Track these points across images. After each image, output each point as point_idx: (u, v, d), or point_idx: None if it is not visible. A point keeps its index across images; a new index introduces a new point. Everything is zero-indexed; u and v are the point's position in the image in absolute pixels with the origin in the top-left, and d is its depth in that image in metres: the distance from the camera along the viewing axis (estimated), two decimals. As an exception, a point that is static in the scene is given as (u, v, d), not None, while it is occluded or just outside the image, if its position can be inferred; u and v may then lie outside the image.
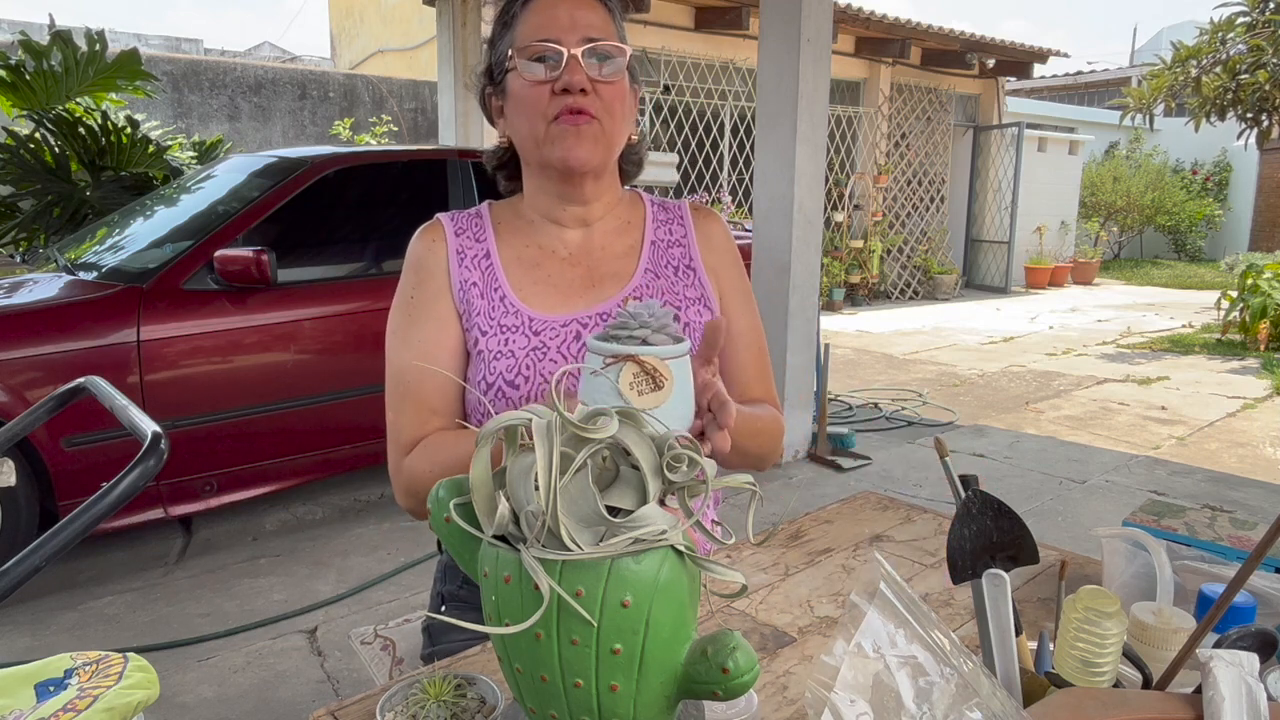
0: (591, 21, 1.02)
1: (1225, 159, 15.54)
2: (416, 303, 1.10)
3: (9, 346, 2.60)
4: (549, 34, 1.01)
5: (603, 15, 1.04)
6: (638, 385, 0.78)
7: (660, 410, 0.79)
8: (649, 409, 0.77)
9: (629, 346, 0.79)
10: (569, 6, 1.02)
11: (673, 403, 0.80)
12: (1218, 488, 3.87)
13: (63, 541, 0.97)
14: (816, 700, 0.52)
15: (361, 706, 0.79)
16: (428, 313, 1.09)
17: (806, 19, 3.82)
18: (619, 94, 1.04)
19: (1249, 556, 0.57)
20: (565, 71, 1.00)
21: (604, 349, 0.80)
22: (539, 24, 1.02)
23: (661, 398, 0.79)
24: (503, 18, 1.07)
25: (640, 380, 0.78)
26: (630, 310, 0.82)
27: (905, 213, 10.56)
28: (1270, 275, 7.25)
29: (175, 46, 15.73)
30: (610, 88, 1.03)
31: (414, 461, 1.03)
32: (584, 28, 1.01)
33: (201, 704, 2.18)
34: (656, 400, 0.79)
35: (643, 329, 0.80)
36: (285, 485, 3.20)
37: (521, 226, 1.13)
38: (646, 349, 0.79)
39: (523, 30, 1.03)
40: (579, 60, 1.00)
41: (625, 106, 1.06)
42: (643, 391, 0.78)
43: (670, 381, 0.79)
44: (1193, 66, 7.14)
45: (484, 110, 1.13)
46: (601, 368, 0.80)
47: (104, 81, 4.91)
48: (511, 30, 1.05)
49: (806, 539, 1.20)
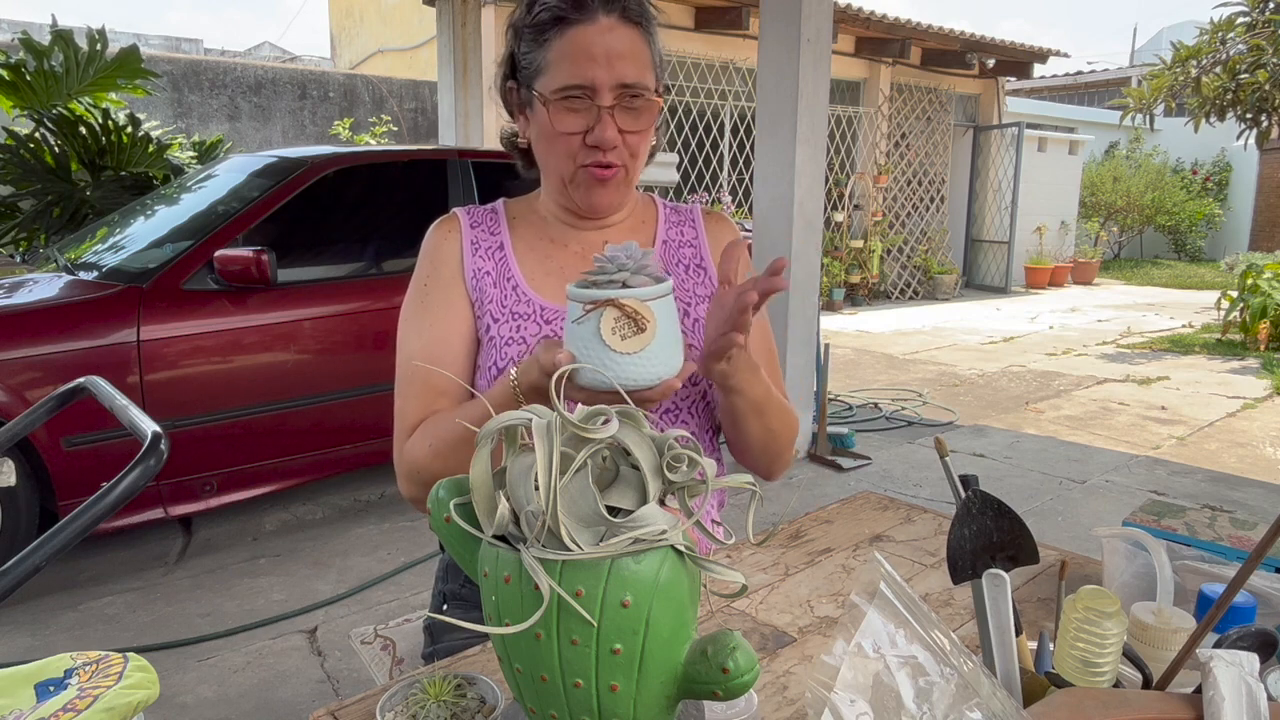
0: (626, 60, 0.99)
1: (1225, 159, 15.55)
2: (429, 290, 1.11)
3: (9, 346, 2.60)
4: (583, 78, 0.98)
5: (638, 45, 1.01)
6: (620, 330, 0.77)
7: (645, 354, 0.78)
8: (632, 353, 0.77)
9: (608, 291, 0.77)
10: (604, 39, 0.98)
11: (657, 345, 0.79)
12: (1218, 488, 3.87)
13: (63, 541, 0.97)
14: (816, 700, 0.52)
15: (361, 706, 0.79)
16: (440, 299, 1.10)
17: (806, 19, 3.81)
18: (646, 137, 1.05)
19: (1249, 556, 0.57)
20: (597, 126, 0.99)
21: (582, 295, 0.78)
22: (574, 61, 0.98)
23: (644, 340, 0.78)
24: (533, 22, 1.01)
25: (622, 324, 0.77)
26: (608, 254, 0.80)
27: (905, 213, 10.56)
28: (1270, 275, 7.25)
29: (175, 46, 15.73)
30: (638, 137, 1.03)
31: (414, 443, 1.03)
32: (619, 70, 0.98)
33: (201, 704, 2.18)
34: (640, 344, 0.78)
35: (621, 272, 0.79)
36: (285, 485, 3.20)
37: (536, 222, 1.15)
38: (626, 291, 0.77)
39: (555, 62, 0.99)
40: (612, 117, 0.99)
41: (648, 140, 1.07)
42: (625, 336, 0.77)
43: (653, 323, 0.78)
44: (1193, 66, 7.14)
45: (503, 101, 1.11)
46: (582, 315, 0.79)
47: (104, 80, 4.91)
48: (543, 51, 1.00)
49: (806, 539, 1.20)
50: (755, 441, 1.07)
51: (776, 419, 1.05)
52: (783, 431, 1.08)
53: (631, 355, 0.78)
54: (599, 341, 0.77)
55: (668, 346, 0.81)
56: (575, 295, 0.80)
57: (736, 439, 1.09)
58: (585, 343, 0.79)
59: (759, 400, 1.01)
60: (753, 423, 1.03)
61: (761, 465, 1.12)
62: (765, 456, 1.10)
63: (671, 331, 0.82)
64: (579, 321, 0.79)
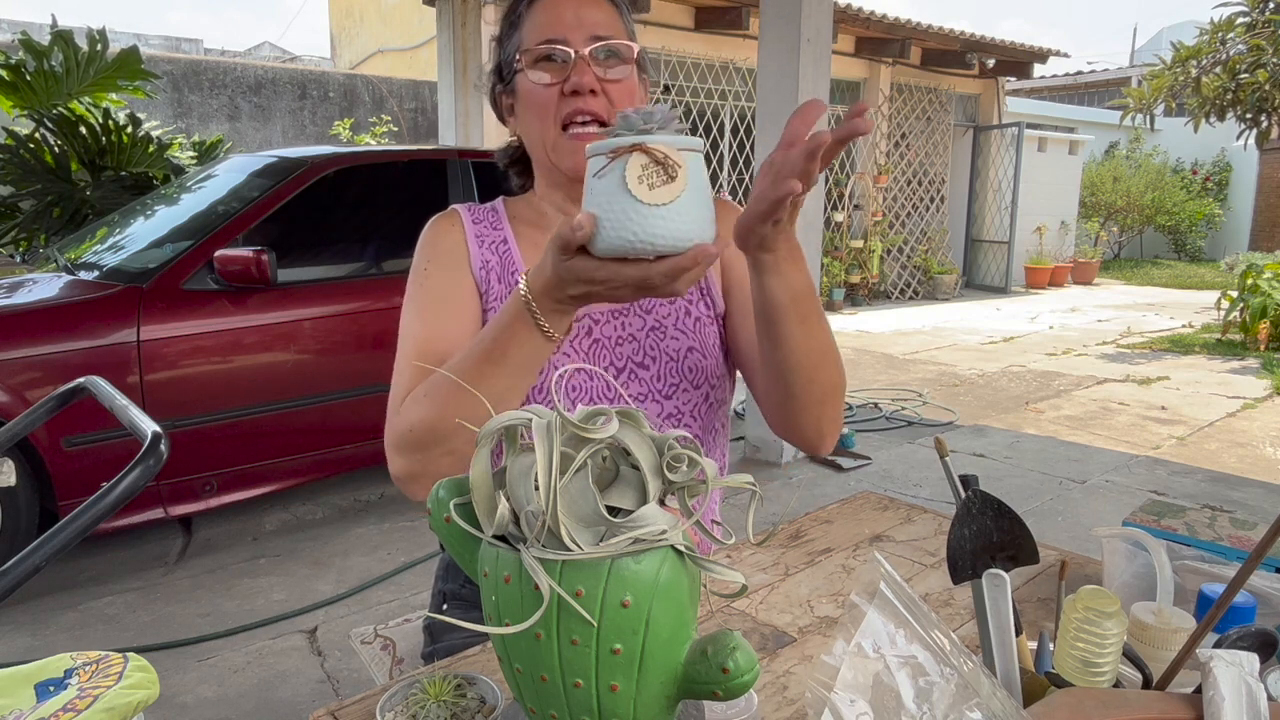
0: (598, 19, 1.01)
1: (1225, 159, 15.55)
2: (430, 274, 1.07)
3: (9, 346, 2.60)
4: (555, 33, 0.99)
5: (609, 12, 1.03)
6: (648, 178, 0.68)
7: (676, 206, 0.69)
8: (663, 203, 0.69)
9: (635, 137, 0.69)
10: (575, 5, 1.00)
11: (688, 198, 0.70)
12: (1218, 488, 3.87)
13: (63, 541, 0.97)
14: (816, 700, 0.52)
15: (361, 706, 0.79)
16: (444, 282, 1.06)
17: (806, 19, 3.82)
18: (628, 92, 1.03)
19: (1249, 556, 0.57)
20: (573, 72, 0.98)
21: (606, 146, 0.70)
22: (545, 23, 1.00)
23: (676, 190, 0.69)
24: (509, 17, 1.06)
25: (651, 172, 0.68)
26: (629, 110, 0.72)
27: (905, 213, 10.56)
28: (1270, 275, 7.25)
29: (175, 46, 15.73)
30: (619, 86, 1.01)
31: (407, 405, 0.94)
32: (590, 26, 1.00)
33: (201, 704, 2.18)
34: (671, 193, 0.69)
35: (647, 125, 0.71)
36: (285, 485, 3.20)
37: (536, 218, 1.13)
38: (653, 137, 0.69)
39: (529, 30, 1.02)
40: (587, 61, 0.99)
41: (635, 104, 1.04)
42: (654, 185, 0.68)
43: (684, 171, 0.69)
44: (1193, 66, 7.15)
45: (495, 109, 1.12)
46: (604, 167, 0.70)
47: (105, 81, 4.92)
48: (518, 30, 1.04)
49: (806, 539, 1.20)
50: (801, 364, 0.90)
51: (821, 333, 0.90)
52: (829, 357, 0.93)
53: (662, 207, 0.69)
54: (624, 192, 0.68)
55: (700, 205, 0.71)
56: (596, 148, 0.71)
57: (777, 360, 0.91)
58: (609, 197, 0.70)
59: (802, 292, 0.85)
60: (795, 329, 0.87)
61: (809, 415, 0.96)
62: (814, 391, 0.93)
63: (703, 190, 0.72)
64: (600, 174, 0.70)
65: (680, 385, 1.07)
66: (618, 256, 0.72)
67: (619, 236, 0.70)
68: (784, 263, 0.83)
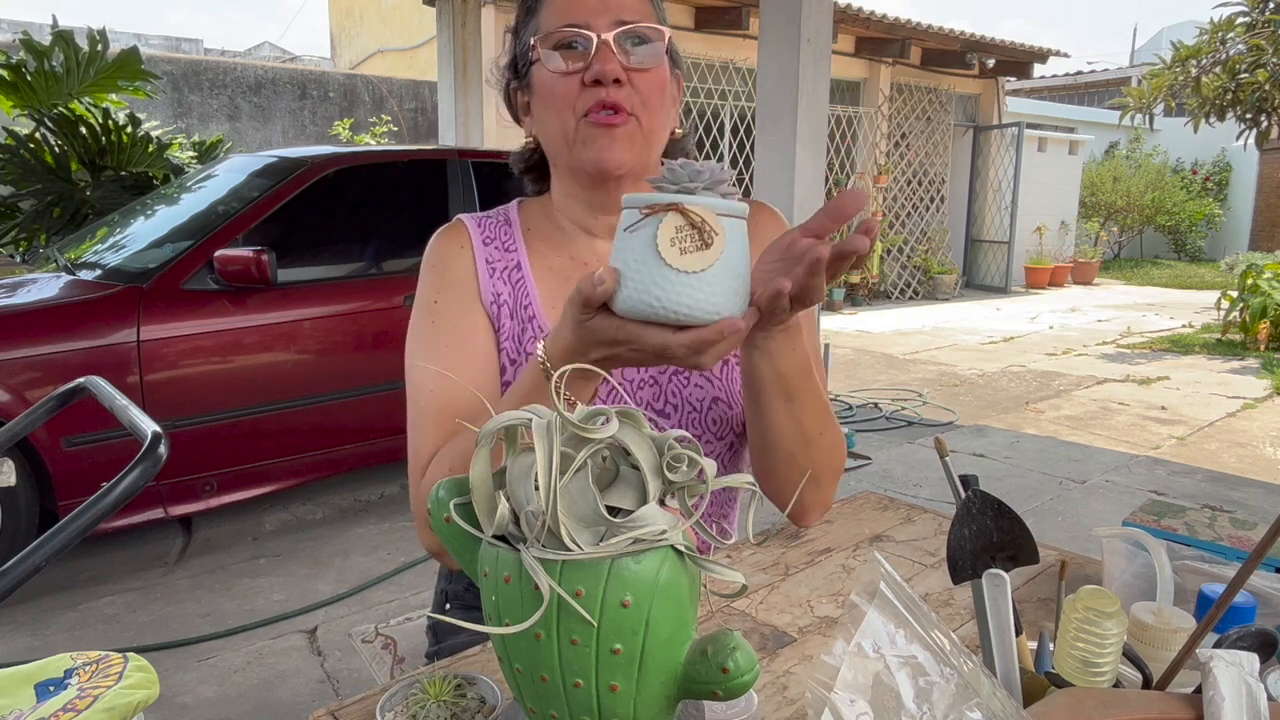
0: (624, 2, 0.90)
1: (1225, 159, 15.56)
2: (441, 308, 0.97)
3: (9, 346, 2.60)
4: (576, 18, 0.89)
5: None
6: (680, 242, 0.63)
7: (707, 275, 0.64)
8: (693, 270, 0.64)
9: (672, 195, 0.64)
10: None
11: (722, 268, 0.64)
12: (1218, 488, 3.87)
13: (63, 541, 0.97)
14: (816, 700, 0.52)
15: (361, 706, 0.79)
16: (456, 315, 0.97)
17: (806, 19, 3.82)
18: (657, 83, 0.92)
19: (1249, 556, 0.57)
20: (596, 60, 0.88)
21: (641, 200, 0.66)
22: (565, 7, 0.90)
23: (709, 258, 0.63)
24: (525, 3, 0.96)
25: (685, 235, 0.63)
26: (677, 163, 0.67)
27: (905, 213, 10.56)
28: (1270, 275, 7.25)
29: (175, 46, 15.74)
30: (647, 76, 0.90)
31: (431, 473, 0.87)
32: (616, 9, 0.89)
33: (201, 704, 2.18)
34: (703, 261, 0.63)
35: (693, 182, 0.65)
36: (285, 485, 3.20)
37: (553, 233, 1.02)
38: (694, 198, 0.64)
39: (547, 15, 0.92)
40: (610, 46, 0.88)
41: (665, 97, 0.94)
42: (686, 250, 0.63)
43: (721, 239, 0.64)
44: (1193, 66, 7.15)
45: (509, 108, 1.03)
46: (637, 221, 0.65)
47: (105, 81, 4.92)
48: (535, 16, 0.94)
49: (806, 539, 1.20)
50: (779, 442, 0.86)
51: (812, 413, 0.85)
52: (819, 436, 0.87)
53: (691, 275, 0.64)
54: (653, 253, 0.63)
55: (734, 277, 0.66)
56: (631, 201, 0.66)
57: (759, 429, 0.87)
58: (636, 256, 0.65)
59: (789, 372, 0.81)
60: (778, 405, 0.83)
61: (789, 491, 0.91)
62: (793, 473, 0.88)
63: (741, 261, 0.67)
64: (632, 229, 0.65)
65: (703, 438, 1.01)
66: (639, 319, 0.67)
67: (641, 300, 0.66)
68: (771, 342, 0.78)
